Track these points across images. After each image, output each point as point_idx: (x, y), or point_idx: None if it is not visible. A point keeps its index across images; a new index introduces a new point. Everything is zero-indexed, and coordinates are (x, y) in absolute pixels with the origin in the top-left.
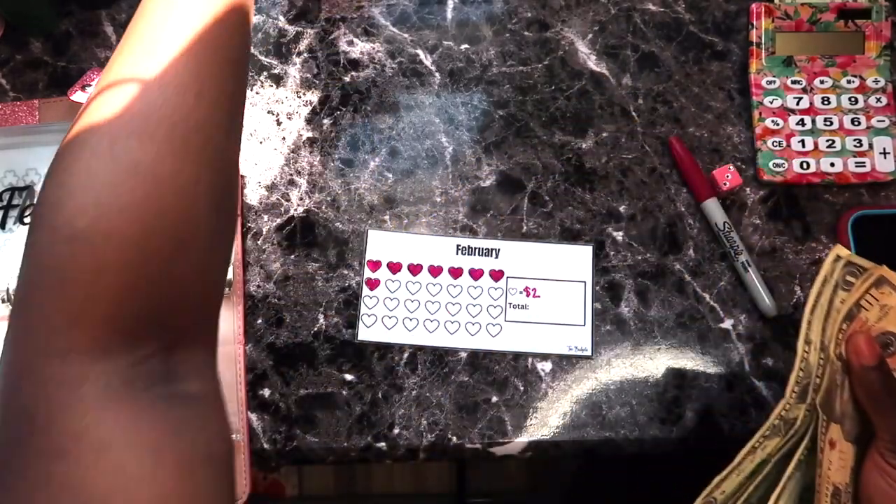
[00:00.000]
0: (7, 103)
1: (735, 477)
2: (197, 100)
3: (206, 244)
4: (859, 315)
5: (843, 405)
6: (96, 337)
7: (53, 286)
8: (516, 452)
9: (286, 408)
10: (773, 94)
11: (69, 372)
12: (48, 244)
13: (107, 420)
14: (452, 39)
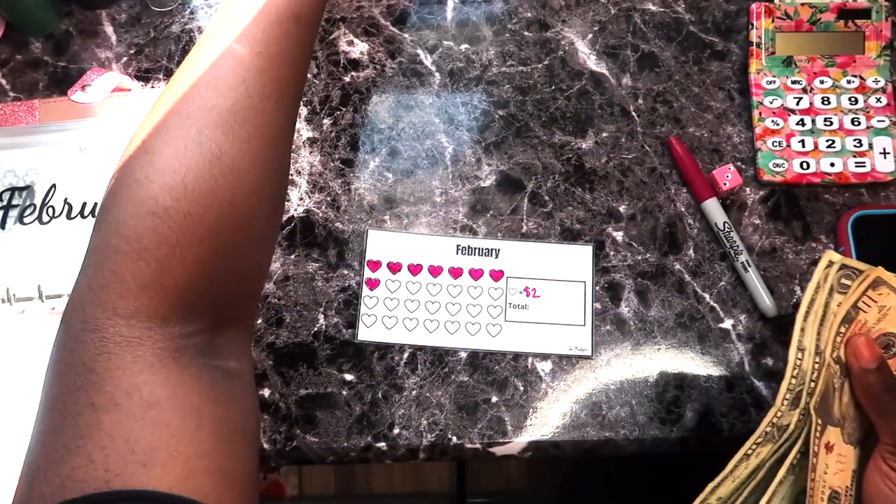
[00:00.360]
0: (7, 103)
1: (730, 483)
2: (276, 107)
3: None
4: (857, 317)
5: (844, 408)
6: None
7: (131, 253)
8: (516, 452)
9: (286, 408)
10: (773, 94)
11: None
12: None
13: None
14: (452, 39)
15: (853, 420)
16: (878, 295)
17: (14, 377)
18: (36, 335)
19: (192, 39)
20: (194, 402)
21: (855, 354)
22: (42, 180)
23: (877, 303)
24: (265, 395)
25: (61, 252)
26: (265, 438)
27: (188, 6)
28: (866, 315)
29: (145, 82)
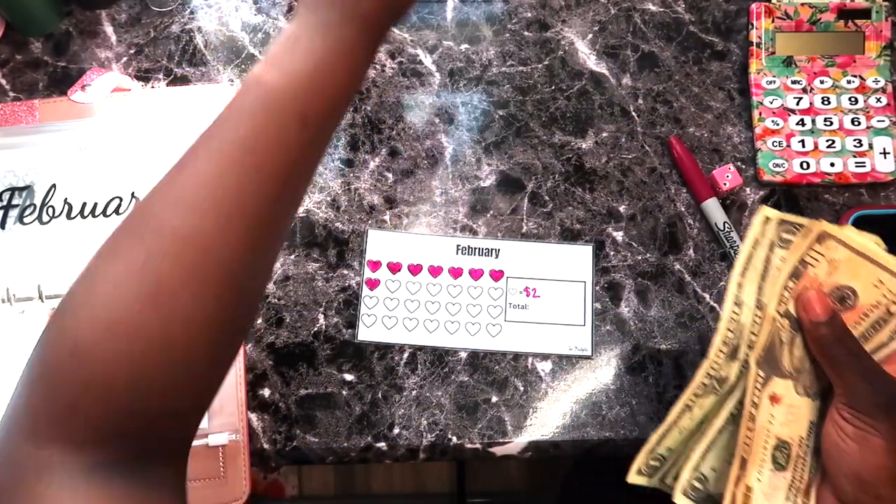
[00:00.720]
0: (7, 103)
1: (676, 434)
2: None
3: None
4: (806, 272)
5: (797, 362)
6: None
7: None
8: (516, 452)
9: (286, 408)
10: (773, 94)
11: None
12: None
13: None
14: (452, 39)
15: (809, 373)
16: (826, 249)
17: (14, 377)
18: (36, 335)
19: (192, 39)
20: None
21: (805, 308)
22: (42, 180)
23: (825, 256)
24: (265, 395)
25: (61, 252)
26: (265, 438)
27: (188, 6)
28: (815, 269)
29: (145, 82)
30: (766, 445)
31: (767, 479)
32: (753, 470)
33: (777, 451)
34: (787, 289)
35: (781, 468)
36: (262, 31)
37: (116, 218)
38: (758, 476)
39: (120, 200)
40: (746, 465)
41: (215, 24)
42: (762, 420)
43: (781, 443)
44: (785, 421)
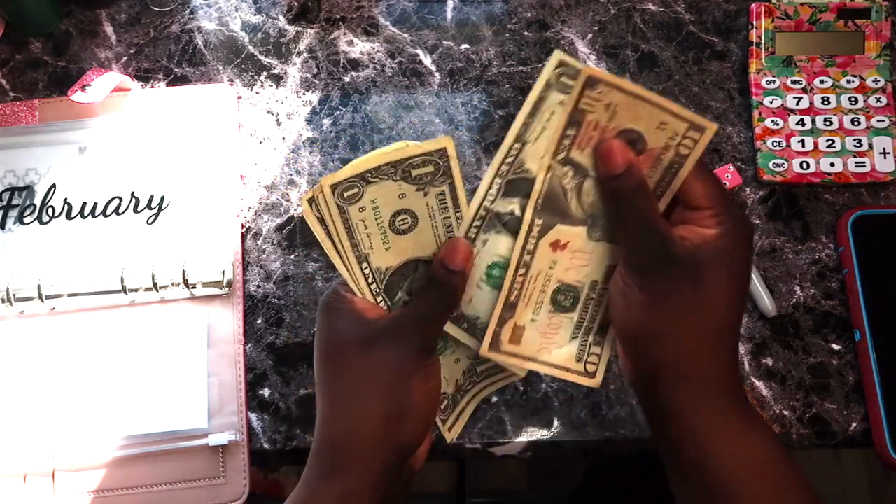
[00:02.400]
0: (7, 103)
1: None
2: None
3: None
4: (586, 119)
5: (589, 207)
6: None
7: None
8: (516, 452)
9: (286, 408)
10: (772, 94)
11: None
12: None
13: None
14: (452, 39)
15: (605, 218)
16: (599, 94)
17: (14, 377)
18: (36, 335)
19: (192, 39)
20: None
21: (604, 158)
22: (42, 180)
23: (601, 101)
24: (265, 395)
25: (61, 252)
26: (265, 438)
27: (188, 6)
28: (594, 115)
29: (145, 82)
30: (544, 289)
31: (545, 319)
32: (527, 311)
33: (559, 294)
34: (566, 136)
35: (566, 309)
36: (262, 31)
37: (116, 218)
38: (532, 317)
39: (120, 200)
40: (516, 308)
41: (215, 24)
42: (539, 266)
43: (566, 286)
44: (570, 266)
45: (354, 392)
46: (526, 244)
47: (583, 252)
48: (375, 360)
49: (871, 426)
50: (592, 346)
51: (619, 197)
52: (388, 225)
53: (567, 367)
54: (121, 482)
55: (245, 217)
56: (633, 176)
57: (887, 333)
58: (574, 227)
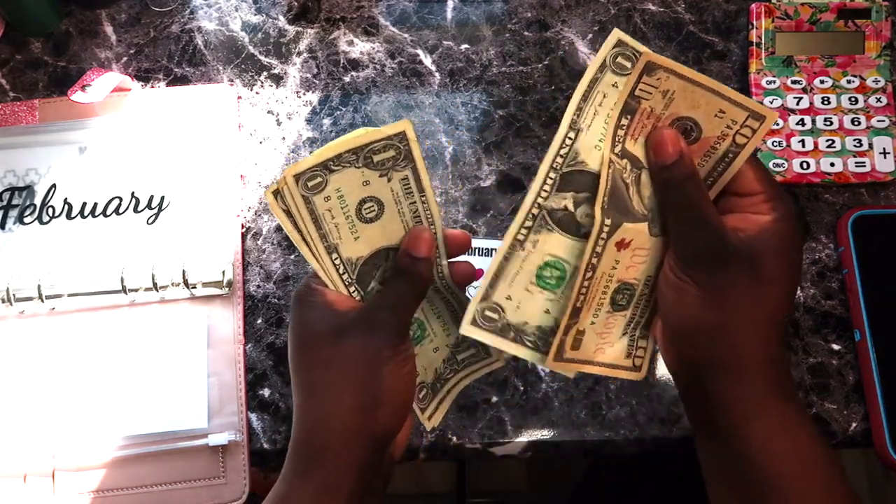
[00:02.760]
0: (7, 103)
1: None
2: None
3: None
4: (641, 107)
5: (647, 201)
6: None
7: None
8: (516, 452)
9: (286, 408)
10: (773, 94)
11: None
12: None
13: None
14: (452, 39)
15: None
16: (657, 80)
17: (14, 377)
18: (36, 335)
19: (192, 39)
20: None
21: (656, 149)
22: (42, 180)
23: (657, 88)
24: (265, 395)
25: (61, 252)
26: (265, 438)
27: (188, 6)
28: (650, 102)
29: (145, 82)
30: (606, 290)
31: (603, 320)
32: (589, 315)
33: (618, 293)
34: (621, 127)
35: (622, 308)
36: (262, 31)
37: (116, 218)
38: (592, 319)
39: (120, 200)
40: (580, 313)
41: (215, 24)
42: (604, 267)
43: (624, 285)
44: (631, 264)
45: (327, 384)
46: (595, 247)
47: (643, 248)
48: (347, 351)
49: (871, 426)
50: (639, 341)
51: (669, 187)
52: (354, 214)
53: (617, 365)
54: (121, 482)
55: (245, 217)
56: (685, 166)
57: (887, 333)
58: (637, 223)
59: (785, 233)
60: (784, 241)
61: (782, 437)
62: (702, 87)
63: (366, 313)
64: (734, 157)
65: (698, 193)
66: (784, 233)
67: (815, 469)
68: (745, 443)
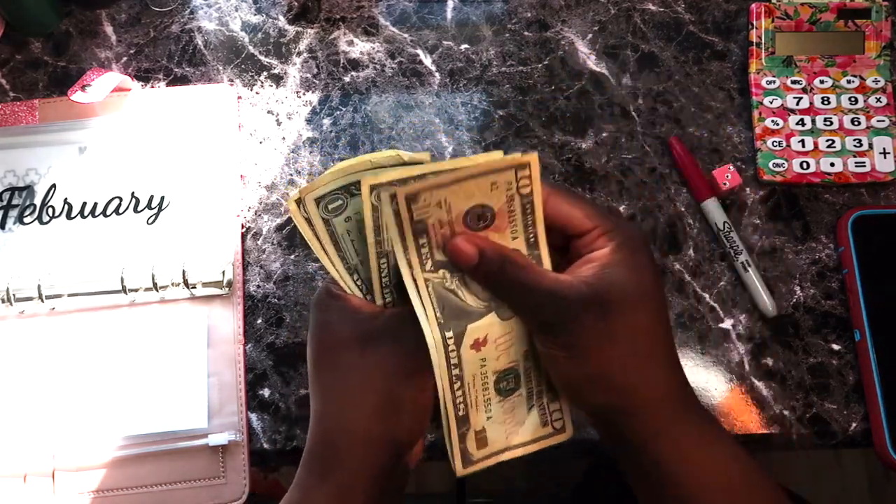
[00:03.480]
0: (7, 103)
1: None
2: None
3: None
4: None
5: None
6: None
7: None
8: None
9: (286, 408)
10: (773, 94)
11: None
12: None
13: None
14: (452, 39)
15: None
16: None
17: (14, 377)
18: (35, 335)
19: (192, 39)
20: None
21: (458, 259)
22: (42, 180)
23: (430, 205)
24: (265, 395)
25: (61, 252)
26: (265, 438)
27: (188, 6)
28: (432, 218)
29: (145, 82)
30: (486, 386)
31: (499, 410)
32: (480, 415)
33: (500, 382)
34: (422, 247)
35: (512, 391)
36: (262, 31)
37: (116, 218)
38: (487, 416)
39: (120, 200)
40: (469, 419)
41: (215, 23)
42: (472, 371)
43: (504, 374)
44: (499, 353)
45: (350, 390)
46: (450, 360)
47: (502, 336)
48: (372, 359)
49: (871, 426)
50: (550, 405)
51: (488, 281)
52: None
53: (538, 437)
54: (121, 482)
55: (245, 217)
56: (490, 257)
57: (887, 333)
58: (482, 319)
59: (626, 258)
60: (627, 267)
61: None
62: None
63: (393, 321)
64: (533, 206)
65: (520, 272)
66: (626, 258)
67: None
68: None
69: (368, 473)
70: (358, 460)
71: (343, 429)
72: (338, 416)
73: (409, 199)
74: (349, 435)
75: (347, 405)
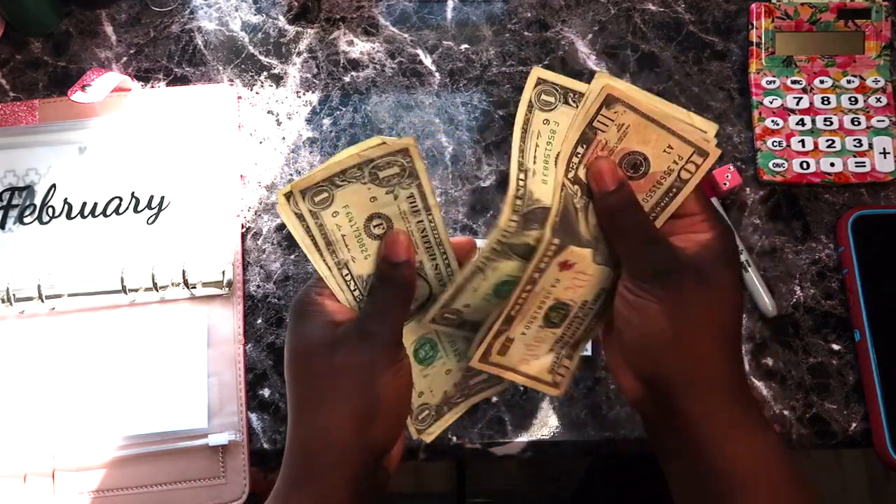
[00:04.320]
0: (7, 103)
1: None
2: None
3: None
4: (597, 138)
5: (593, 229)
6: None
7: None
8: (516, 452)
9: (286, 408)
10: (773, 94)
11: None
12: None
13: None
14: (452, 39)
15: (605, 242)
16: (614, 113)
17: (14, 377)
18: (35, 335)
19: (192, 39)
20: None
21: (595, 178)
22: (42, 180)
23: (614, 122)
24: (265, 395)
25: (61, 252)
26: (265, 438)
27: (188, 6)
28: (606, 135)
29: (145, 82)
30: (542, 305)
31: (533, 333)
32: (521, 325)
33: (553, 311)
34: (576, 154)
35: (554, 325)
36: (262, 31)
37: (116, 218)
38: (524, 330)
39: (120, 200)
40: (513, 322)
41: (215, 23)
42: (544, 283)
43: (560, 304)
44: (570, 285)
45: (321, 398)
46: (539, 263)
47: (585, 273)
48: (340, 364)
49: (871, 426)
50: (564, 360)
51: (613, 213)
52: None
53: (538, 378)
54: (121, 482)
55: (245, 217)
56: (625, 193)
57: (887, 333)
58: (583, 248)
59: (726, 247)
60: (726, 253)
61: (749, 446)
62: (654, 123)
63: (355, 325)
64: (678, 192)
65: (642, 216)
66: (725, 247)
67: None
68: (715, 456)
69: (346, 481)
70: (334, 470)
71: (318, 438)
72: (312, 425)
73: (608, 101)
74: (324, 445)
75: (320, 414)
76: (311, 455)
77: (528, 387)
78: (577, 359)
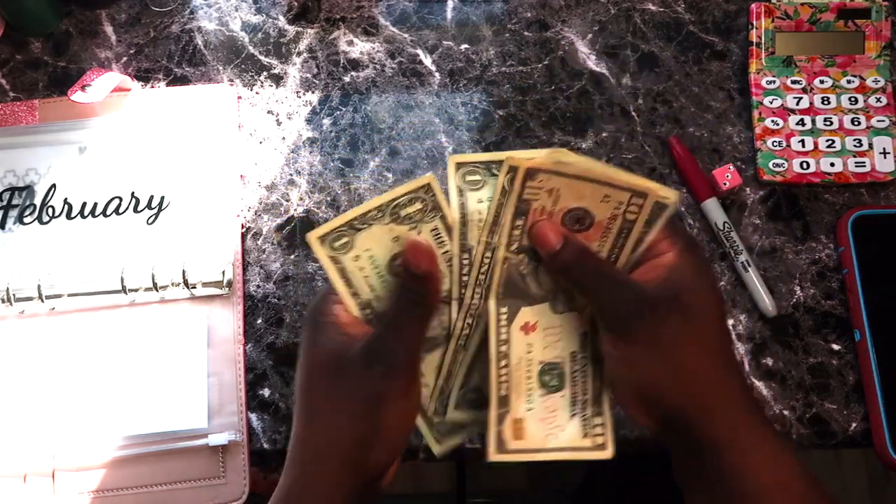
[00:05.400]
0: (7, 103)
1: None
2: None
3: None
4: (532, 207)
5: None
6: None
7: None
8: None
9: (286, 408)
10: (772, 94)
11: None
12: None
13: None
14: (452, 39)
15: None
16: (539, 182)
17: (14, 377)
18: (35, 335)
19: (192, 39)
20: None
21: (539, 241)
22: (42, 180)
23: (542, 188)
24: (265, 395)
25: (61, 252)
26: (265, 438)
27: (188, 6)
28: (539, 202)
29: (145, 82)
30: (529, 374)
31: (541, 405)
32: (521, 402)
33: (545, 375)
34: (516, 227)
35: (556, 388)
36: (262, 31)
37: (116, 218)
38: (528, 406)
39: (120, 200)
40: (509, 401)
41: (215, 24)
42: (517, 352)
43: (548, 365)
44: (546, 344)
45: (326, 416)
46: (499, 335)
47: (553, 327)
48: (346, 387)
49: (871, 426)
50: (594, 419)
51: (567, 269)
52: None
53: (576, 447)
54: (121, 482)
55: (245, 217)
56: (572, 246)
57: (887, 333)
58: (535, 305)
59: (692, 262)
60: (695, 270)
61: (774, 466)
62: (582, 179)
63: (365, 348)
64: (629, 233)
65: (597, 264)
66: (691, 262)
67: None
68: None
69: (340, 499)
70: (330, 485)
71: (316, 455)
72: (314, 440)
73: (528, 174)
74: (323, 460)
75: (322, 432)
76: (308, 470)
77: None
78: (608, 412)
